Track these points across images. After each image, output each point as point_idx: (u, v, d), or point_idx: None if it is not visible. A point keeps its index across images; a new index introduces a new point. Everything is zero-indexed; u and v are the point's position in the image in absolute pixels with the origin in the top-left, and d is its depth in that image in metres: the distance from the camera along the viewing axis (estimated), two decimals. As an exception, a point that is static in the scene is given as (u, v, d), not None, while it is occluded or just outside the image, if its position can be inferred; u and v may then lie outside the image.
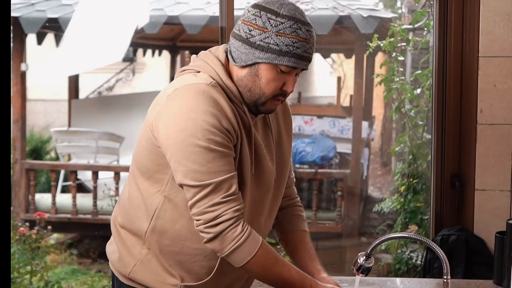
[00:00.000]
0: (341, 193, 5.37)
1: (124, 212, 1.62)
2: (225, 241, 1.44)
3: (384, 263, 4.23)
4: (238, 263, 1.47)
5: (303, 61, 1.46)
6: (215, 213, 1.43)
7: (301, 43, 1.45)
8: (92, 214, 5.44)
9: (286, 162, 1.66)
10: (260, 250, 1.46)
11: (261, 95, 1.49)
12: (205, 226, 1.44)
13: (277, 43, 1.44)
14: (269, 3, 1.47)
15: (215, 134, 1.42)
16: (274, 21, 1.44)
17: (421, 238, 1.54)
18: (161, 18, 5.54)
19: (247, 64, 1.48)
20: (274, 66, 1.46)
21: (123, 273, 1.61)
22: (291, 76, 1.49)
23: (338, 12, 5.27)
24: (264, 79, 1.47)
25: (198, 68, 1.53)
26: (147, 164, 1.53)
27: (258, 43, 1.45)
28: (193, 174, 1.42)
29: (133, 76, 9.80)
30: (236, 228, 1.44)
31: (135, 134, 6.25)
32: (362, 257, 1.53)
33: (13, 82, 5.74)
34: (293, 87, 1.50)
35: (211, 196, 1.43)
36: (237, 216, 1.44)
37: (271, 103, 1.51)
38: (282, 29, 1.44)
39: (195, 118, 1.41)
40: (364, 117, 5.95)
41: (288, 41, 1.44)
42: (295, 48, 1.44)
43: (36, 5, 5.63)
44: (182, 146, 1.42)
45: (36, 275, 3.75)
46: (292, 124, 1.70)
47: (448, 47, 2.54)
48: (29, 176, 5.60)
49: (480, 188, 2.49)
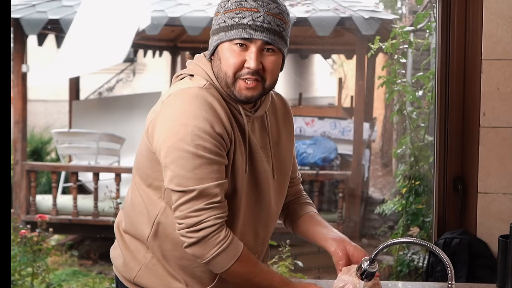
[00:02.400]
0: (342, 194, 5.37)
1: (127, 218, 1.62)
2: (208, 246, 1.43)
3: (386, 265, 4.23)
4: (219, 269, 1.46)
5: (253, 30, 1.44)
6: (198, 218, 1.43)
7: (246, 12, 1.44)
8: (93, 216, 5.43)
9: (287, 162, 1.65)
10: (242, 255, 1.46)
11: (226, 77, 1.48)
12: (187, 231, 1.44)
13: (224, 20, 1.47)
14: None
15: (205, 140, 1.41)
16: (224, 2, 1.49)
17: (425, 243, 1.53)
18: (162, 20, 5.53)
19: (211, 52, 1.51)
20: (229, 44, 1.46)
21: (128, 278, 1.61)
22: (250, 51, 1.46)
23: (339, 13, 5.27)
24: (223, 60, 1.48)
25: (191, 71, 1.54)
26: (146, 170, 1.54)
27: (213, 29, 1.50)
28: (179, 179, 1.42)
29: (134, 76, 9.80)
30: (219, 234, 1.44)
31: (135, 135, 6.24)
32: (365, 262, 1.53)
33: (14, 83, 5.73)
34: (255, 62, 1.45)
35: (194, 202, 1.43)
36: (220, 223, 1.44)
37: (240, 85, 1.47)
38: (228, 6, 1.47)
39: (186, 123, 1.41)
40: (365, 119, 5.94)
41: (232, 14, 1.46)
42: (240, 18, 1.44)
43: (37, 6, 5.63)
44: (171, 150, 1.42)
45: (37, 278, 3.74)
46: (293, 124, 1.69)
47: (451, 49, 2.53)
48: (30, 177, 5.59)
49: (483, 191, 2.48)
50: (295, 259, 3.72)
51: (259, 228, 1.60)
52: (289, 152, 1.66)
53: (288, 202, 1.73)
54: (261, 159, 1.55)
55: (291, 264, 3.55)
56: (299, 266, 3.68)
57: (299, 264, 3.67)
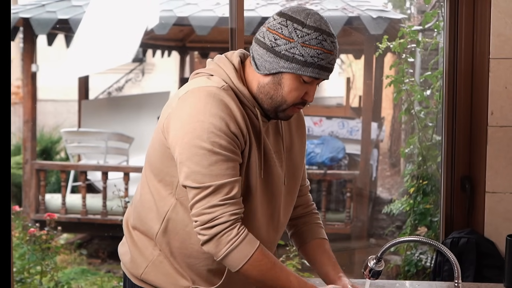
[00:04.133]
0: (350, 194, 5.36)
1: (136, 214, 1.63)
2: (220, 244, 1.44)
3: (393, 265, 4.22)
4: (234, 267, 1.46)
5: (326, 72, 1.49)
6: (211, 215, 1.43)
7: (326, 55, 1.47)
8: (102, 215, 5.46)
9: (298, 169, 1.66)
10: (255, 254, 1.45)
11: (282, 102, 1.51)
12: (201, 228, 1.45)
13: (302, 54, 1.45)
14: (296, 13, 1.48)
15: (221, 138, 1.43)
16: (301, 31, 1.45)
17: (432, 242, 1.53)
18: (170, 19, 5.55)
19: (271, 72, 1.49)
20: (298, 76, 1.48)
21: (135, 274, 1.61)
22: (313, 86, 1.51)
23: (347, 13, 5.26)
24: (287, 88, 1.49)
25: (211, 71, 1.54)
26: (159, 166, 1.54)
27: (283, 53, 1.46)
28: (195, 175, 1.43)
29: (143, 76, 9.83)
30: (231, 231, 1.44)
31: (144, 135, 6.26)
32: (372, 260, 1.53)
33: (23, 83, 5.78)
34: (313, 97, 1.53)
35: (209, 198, 1.43)
36: (234, 219, 1.44)
37: (291, 110, 1.53)
38: (308, 40, 1.45)
39: (202, 120, 1.43)
40: (373, 118, 5.93)
41: (313, 52, 1.45)
42: (320, 59, 1.46)
43: (46, 6, 5.66)
44: (187, 147, 1.43)
45: (46, 276, 3.77)
46: (305, 133, 1.71)
47: (459, 48, 2.53)
48: (39, 176, 5.62)
49: (491, 190, 2.48)
50: (302, 258, 3.72)
51: (270, 232, 1.60)
52: (301, 158, 1.68)
53: (297, 217, 1.73)
54: (275, 163, 1.56)
55: (298, 263, 3.56)
56: (307, 265, 3.67)
57: (306, 263, 3.66)
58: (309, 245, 1.70)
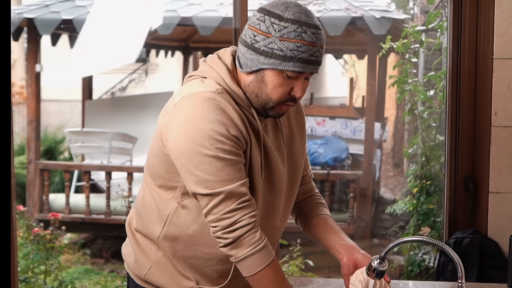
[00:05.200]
0: (353, 194, 5.36)
1: (138, 216, 1.63)
2: (243, 245, 1.44)
3: (397, 265, 4.22)
4: (248, 272, 1.46)
5: (310, 65, 1.43)
6: (232, 219, 1.43)
7: (307, 47, 1.41)
8: (105, 215, 5.47)
9: (299, 162, 1.65)
10: (271, 264, 1.46)
11: (268, 100, 1.47)
12: (222, 232, 1.44)
13: (281, 48, 1.41)
14: (274, 7, 1.44)
15: (223, 143, 1.41)
16: (278, 25, 1.41)
17: (435, 242, 1.53)
18: (174, 19, 5.56)
19: (253, 70, 1.46)
20: (280, 72, 1.44)
21: (139, 275, 1.62)
22: (299, 81, 1.46)
23: (350, 13, 5.26)
24: (270, 85, 1.45)
25: (204, 74, 1.52)
26: (159, 171, 1.53)
27: (262, 49, 1.43)
28: (205, 183, 1.43)
29: (146, 76, 9.84)
30: (254, 234, 1.44)
31: (148, 135, 6.28)
32: (376, 260, 1.53)
33: (27, 83, 5.80)
34: (302, 92, 1.47)
35: (226, 203, 1.43)
36: (254, 222, 1.45)
37: (280, 108, 1.50)
38: (285, 33, 1.40)
39: (202, 128, 1.41)
40: (376, 118, 5.93)
41: (292, 45, 1.40)
42: (300, 52, 1.41)
43: (50, 6, 5.67)
44: (192, 156, 1.42)
45: (50, 275, 3.78)
46: (305, 123, 1.68)
47: (462, 49, 2.53)
48: (43, 176, 5.64)
49: (494, 190, 2.48)
50: (306, 258, 3.73)
51: (272, 230, 1.60)
52: (302, 151, 1.66)
53: (300, 200, 1.73)
54: (276, 161, 1.55)
55: (302, 263, 3.56)
56: (310, 265, 3.69)
57: (309, 263, 3.68)
58: (312, 222, 1.68)
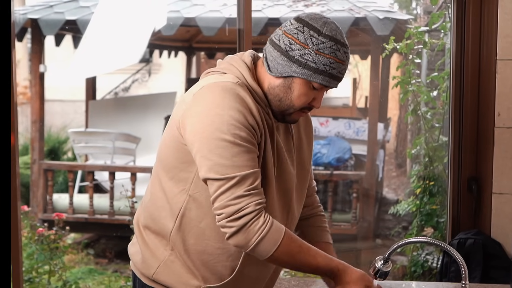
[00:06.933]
0: (356, 194, 5.36)
1: (148, 213, 1.64)
2: (249, 234, 1.44)
3: (400, 265, 4.22)
4: (264, 255, 1.47)
5: (335, 81, 1.52)
6: (238, 206, 1.44)
7: (338, 64, 1.49)
8: (109, 215, 5.48)
9: (306, 169, 1.68)
10: (284, 239, 1.47)
11: (290, 106, 1.54)
12: (227, 220, 1.45)
13: (315, 61, 1.48)
14: (313, 20, 1.52)
15: (241, 129, 1.45)
16: (316, 39, 1.49)
17: (439, 243, 1.54)
18: (177, 20, 5.57)
19: (283, 75, 1.52)
20: (308, 82, 1.51)
21: (146, 275, 1.62)
22: (321, 93, 1.54)
23: (354, 14, 5.26)
24: (296, 93, 1.52)
25: (224, 70, 1.57)
26: (172, 162, 1.55)
27: (297, 58, 1.49)
28: (218, 167, 1.44)
29: (149, 77, 9.85)
30: (258, 220, 1.45)
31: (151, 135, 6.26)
32: (379, 261, 1.54)
33: (31, 83, 5.82)
34: (320, 103, 1.56)
35: (234, 189, 1.44)
36: (259, 209, 1.45)
37: (297, 114, 1.57)
38: (322, 48, 1.48)
39: (221, 113, 1.44)
40: (379, 119, 5.93)
41: (326, 60, 1.48)
42: (331, 68, 1.49)
43: (54, 7, 5.69)
44: (208, 140, 1.45)
45: (54, 275, 3.79)
46: (312, 133, 1.73)
47: (466, 50, 2.53)
48: (47, 176, 5.66)
49: (498, 191, 2.48)
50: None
51: (286, 226, 1.60)
52: (309, 158, 1.70)
53: (303, 218, 1.75)
54: (287, 161, 1.59)
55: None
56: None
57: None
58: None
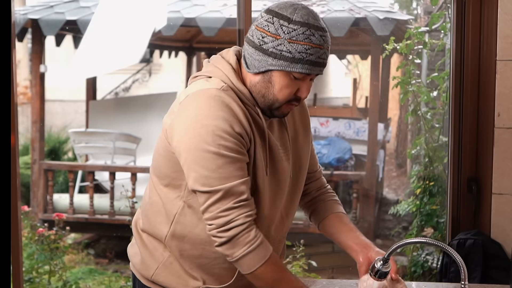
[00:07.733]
0: (356, 195, 5.37)
1: (145, 217, 1.64)
2: (237, 245, 1.44)
3: (400, 265, 4.22)
4: (247, 269, 1.47)
5: (317, 67, 1.46)
6: (227, 217, 1.44)
7: (315, 49, 1.44)
8: (109, 215, 5.48)
9: (304, 158, 1.65)
10: (270, 259, 1.47)
11: (275, 101, 1.50)
12: (218, 231, 1.45)
13: (289, 50, 1.43)
14: (282, 9, 1.46)
15: (226, 140, 1.43)
16: (287, 27, 1.43)
17: (439, 243, 1.54)
18: (178, 20, 5.57)
19: (260, 71, 1.48)
20: (287, 73, 1.46)
21: (146, 276, 1.63)
22: (305, 82, 1.49)
23: (354, 14, 5.27)
24: (278, 86, 1.48)
25: (209, 73, 1.54)
26: (165, 171, 1.55)
27: (271, 50, 1.45)
28: (204, 179, 1.43)
29: (150, 77, 9.85)
30: (249, 233, 1.45)
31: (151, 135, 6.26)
32: (379, 261, 1.54)
33: (32, 83, 5.82)
34: (307, 92, 1.50)
35: (223, 201, 1.44)
36: (249, 221, 1.45)
37: (285, 108, 1.52)
38: (294, 35, 1.43)
39: (206, 124, 1.43)
40: (379, 119, 5.93)
41: (301, 48, 1.43)
42: (308, 54, 1.43)
43: (55, 7, 5.70)
44: (193, 151, 1.43)
45: (54, 275, 3.79)
46: (309, 119, 1.69)
47: (466, 50, 2.53)
48: (47, 176, 5.66)
49: (497, 192, 2.48)
50: (309, 259, 3.73)
51: (278, 225, 1.61)
52: (307, 146, 1.67)
53: (314, 198, 1.74)
54: (281, 158, 1.56)
55: (305, 264, 3.56)
56: (313, 266, 3.69)
57: (313, 264, 3.68)
58: (327, 220, 1.70)
